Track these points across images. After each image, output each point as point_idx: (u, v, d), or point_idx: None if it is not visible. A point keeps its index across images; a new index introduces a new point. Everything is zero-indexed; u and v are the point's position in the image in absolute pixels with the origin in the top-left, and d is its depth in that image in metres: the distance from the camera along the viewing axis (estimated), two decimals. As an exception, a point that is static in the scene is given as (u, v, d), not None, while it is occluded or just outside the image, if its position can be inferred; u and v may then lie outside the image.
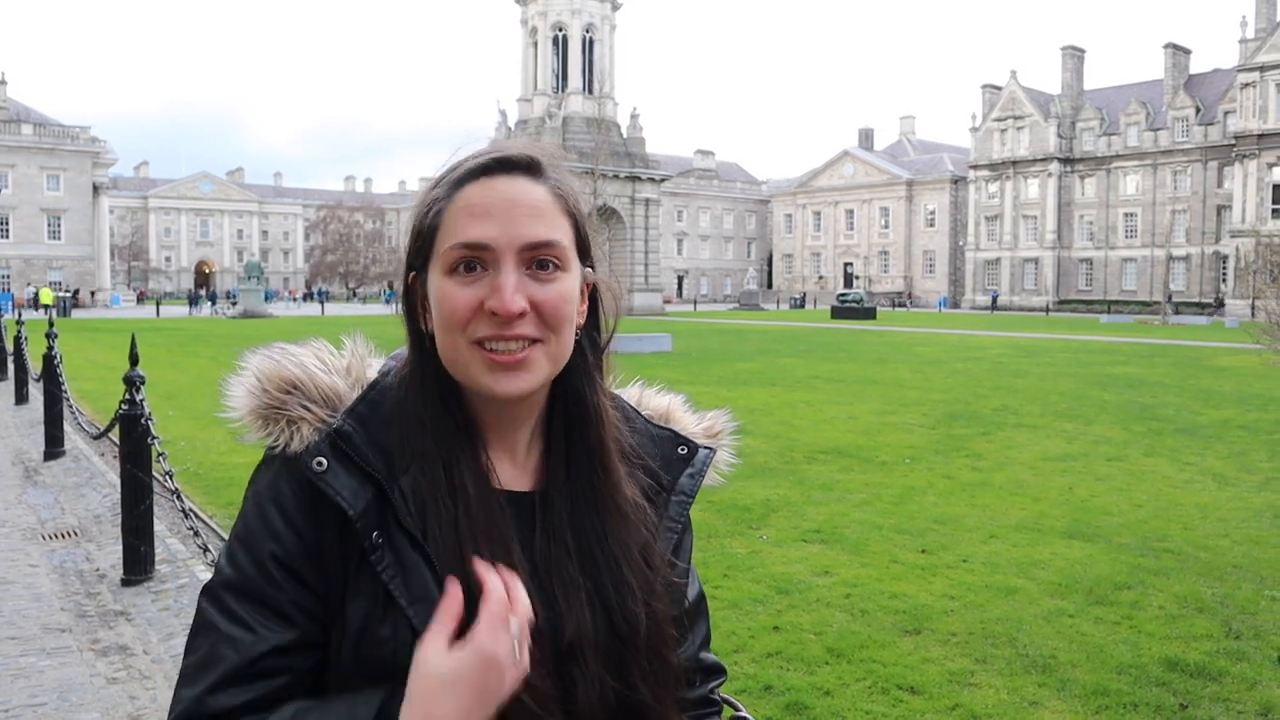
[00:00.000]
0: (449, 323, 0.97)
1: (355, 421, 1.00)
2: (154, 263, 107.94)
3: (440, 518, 0.97)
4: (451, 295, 0.97)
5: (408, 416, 1.00)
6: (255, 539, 0.98)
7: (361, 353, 1.07)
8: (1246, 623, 5.05)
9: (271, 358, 1.02)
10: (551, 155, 1.03)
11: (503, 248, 0.96)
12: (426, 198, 1.01)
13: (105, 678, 4.34)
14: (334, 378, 1.03)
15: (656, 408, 1.18)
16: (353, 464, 0.98)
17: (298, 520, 0.97)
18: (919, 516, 7.36)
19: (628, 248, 61.87)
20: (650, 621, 1.01)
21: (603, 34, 63.56)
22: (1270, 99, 65.39)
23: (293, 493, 0.98)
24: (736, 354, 25.09)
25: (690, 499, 1.10)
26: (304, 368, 1.02)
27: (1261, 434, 11.80)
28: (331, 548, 0.97)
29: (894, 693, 4.13)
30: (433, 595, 0.94)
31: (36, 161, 68.96)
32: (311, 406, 1.00)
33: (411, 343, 1.04)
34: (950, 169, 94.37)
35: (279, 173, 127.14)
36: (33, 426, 11.28)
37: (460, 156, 1.03)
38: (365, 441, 0.99)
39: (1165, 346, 30.29)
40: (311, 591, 0.98)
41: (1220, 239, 71.82)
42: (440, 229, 0.99)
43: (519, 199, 0.98)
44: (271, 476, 0.99)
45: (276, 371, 1.01)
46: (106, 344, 25.65)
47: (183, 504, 5.12)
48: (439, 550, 0.96)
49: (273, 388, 1.00)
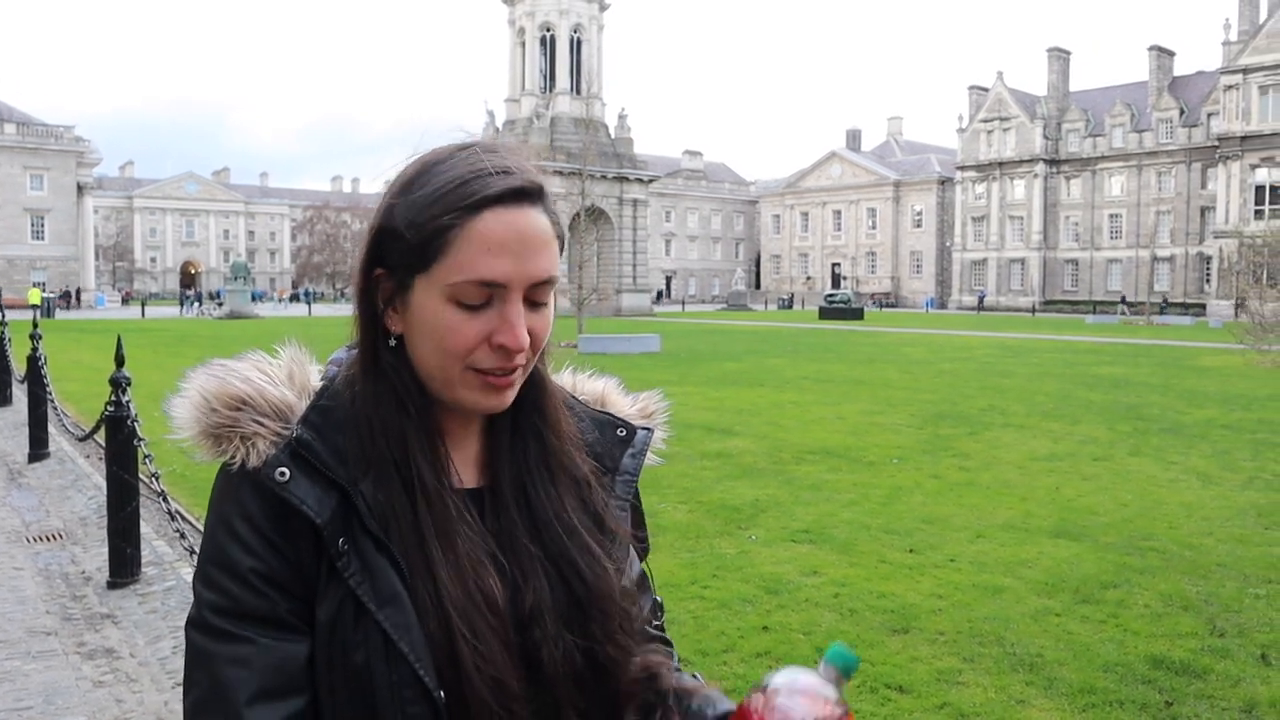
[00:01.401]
0: (450, 351, 0.97)
1: (311, 430, 0.98)
2: (139, 263, 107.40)
3: (402, 520, 0.97)
4: (457, 326, 0.96)
5: (362, 420, 0.99)
6: (231, 559, 0.95)
7: (301, 359, 1.05)
8: (1230, 620, 5.09)
9: (215, 375, 1.00)
10: (540, 170, 1.02)
11: (515, 285, 0.96)
12: (427, 209, 0.97)
13: (92, 681, 4.31)
14: (282, 389, 1.01)
15: (591, 392, 1.19)
16: (315, 472, 0.97)
17: (270, 534, 0.96)
18: (907, 516, 7.39)
19: (616, 249, 61.89)
20: (606, 580, 1.03)
21: (590, 34, 63.57)
22: (1253, 101, 65.91)
23: (259, 508, 0.96)
24: (725, 354, 25.14)
25: (634, 478, 1.13)
26: (250, 383, 1.00)
27: (1245, 433, 11.89)
28: (304, 558, 0.96)
29: (882, 691, 4.15)
30: (400, 598, 0.94)
31: (20, 161, 68.45)
32: (264, 421, 0.98)
33: (366, 343, 1.01)
34: (937, 170, 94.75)
35: (265, 173, 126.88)
36: (16, 428, 11.20)
37: (444, 155, 0.99)
38: (324, 449, 0.98)
39: (1150, 347, 30.49)
40: (301, 601, 0.96)
41: (1204, 240, 72.34)
42: (449, 254, 0.95)
43: (530, 235, 0.97)
44: (234, 494, 0.97)
45: (223, 389, 0.99)
46: (91, 345, 25.48)
47: (169, 506, 5.10)
48: (404, 552, 0.96)
49: (221, 406, 0.98)
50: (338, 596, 0.95)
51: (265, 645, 0.94)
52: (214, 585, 0.96)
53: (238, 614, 0.94)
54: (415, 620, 0.94)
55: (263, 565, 0.95)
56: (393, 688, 0.93)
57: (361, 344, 1.02)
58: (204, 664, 0.94)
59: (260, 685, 0.93)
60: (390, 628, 0.93)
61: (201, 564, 0.98)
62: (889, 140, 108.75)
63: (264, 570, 0.95)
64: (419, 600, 0.95)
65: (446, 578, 0.96)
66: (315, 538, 0.96)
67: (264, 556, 0.95)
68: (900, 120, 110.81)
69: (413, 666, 0.93)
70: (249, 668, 0.93)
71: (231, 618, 0.94)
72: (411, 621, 0.94)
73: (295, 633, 0.95)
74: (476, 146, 1.00)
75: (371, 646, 0.94)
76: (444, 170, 0.98)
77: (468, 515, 1.01)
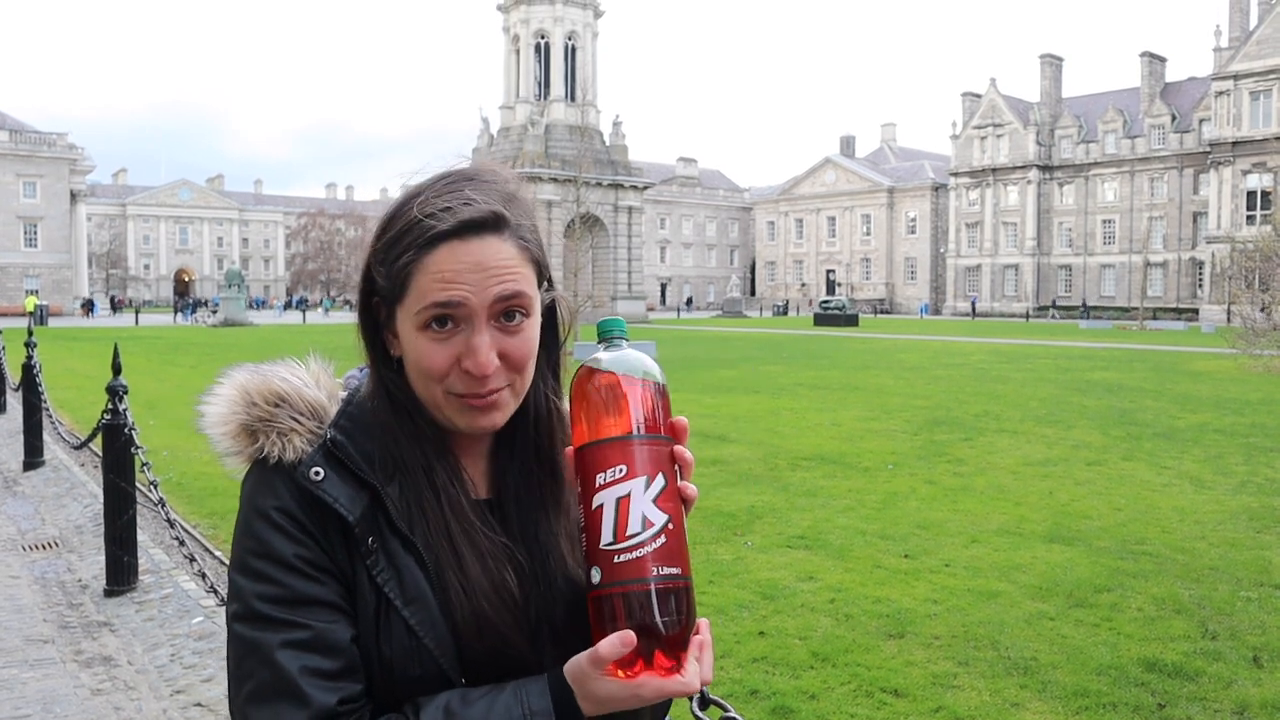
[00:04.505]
0: (425, 376, 1.01)
1: (343, 433, 1.03)
2: (132, 270, 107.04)
3: (432, 521, 1.02)
4: (427, 353, 1.00)
5: (388, 429, 1.04)
6: (275, 548, 0.98)
7: (327, 368, 1.11)
8: (1223, 623, 5.12)
9: (257, 372, 1.05)
10: (510, 197, 1.03)
11: (475, 307, 0.99)
12: (391, 250, 1.01)
13: (89, 689, 4.31)
14: (317, 391, 1.06)
15: None
16: (347, 471, 1.01)
17: (309, 526, 0.99)
18: (902, 522, 7.42)
19: (610, 255, 61.88)
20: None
21: (585, 42, 63.66)
22: (1244, 107, 66.24)
23: (296, 501, 1.00)
24: (720, 361, 25.16)
25: None
26: (289, 381, 1.05)
27: (1237, 437, 11.95)
28: (337, 552, 1.00)
29: (878, 696, 4.17)
30: (426, 596, 0.99)
31: (12, 168, 68.35)
32: (301, 419, 1.03)
33: (374, 364, 1.07)
34: (931, 176, 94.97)
35: (259, 179, 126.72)
36: (11, 436, 11.18)
37: (418, 184, 1.04)
38: (356, 450, 1.02)
39: (1143, 351, 30.59)
40: (345, 587, 1.00)
41: (1196, 245, 72.63)
42: (410, 289, 1.00)
43: (487, 261, 0.99)
44: (271, 488, 1.01)
45: (265, 385, 1.04)
46: (85, 353, 25.44)
47: (167, 514, 5.11)
48: (431, 550, 1.01)
49: (262, 400, 1.03)
50: (366, 593, 0.99)
51: (321, 629, 0.96)
52: (260, 576, 0.98)
53: (289, 600, 0.97)
54: (440, 616, 0.99)
55: (308, 552, 0.99)
56: (418, 681, 0.98)
57: (371, 366, 1.08)
58: (257, 653, 0.96)
59: (321, 667, 0.95)
60: (416, 624, 0.98)
61: (241, 557, 1.00)
62: (883, 147, 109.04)
63: (310, 556, 0.99)
64: (450, 592, 1.00)
65: (475, 572, 1.01)
66: (345, 536, 1.00)
67: (306, 544, 0.99)
68: (894, 127, 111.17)
69: (438, 661, 0.98)
70: (308, 650, 0.95)
71: (283, 604, 0.97)
72: (436, 617, 0.99)
73: (346, 616, 0.99)
74: (441, 181, 1.03)
75: (397, 641, 0.98)
76: (406, 211, 1.02)
77: (488, 518, 1.06)
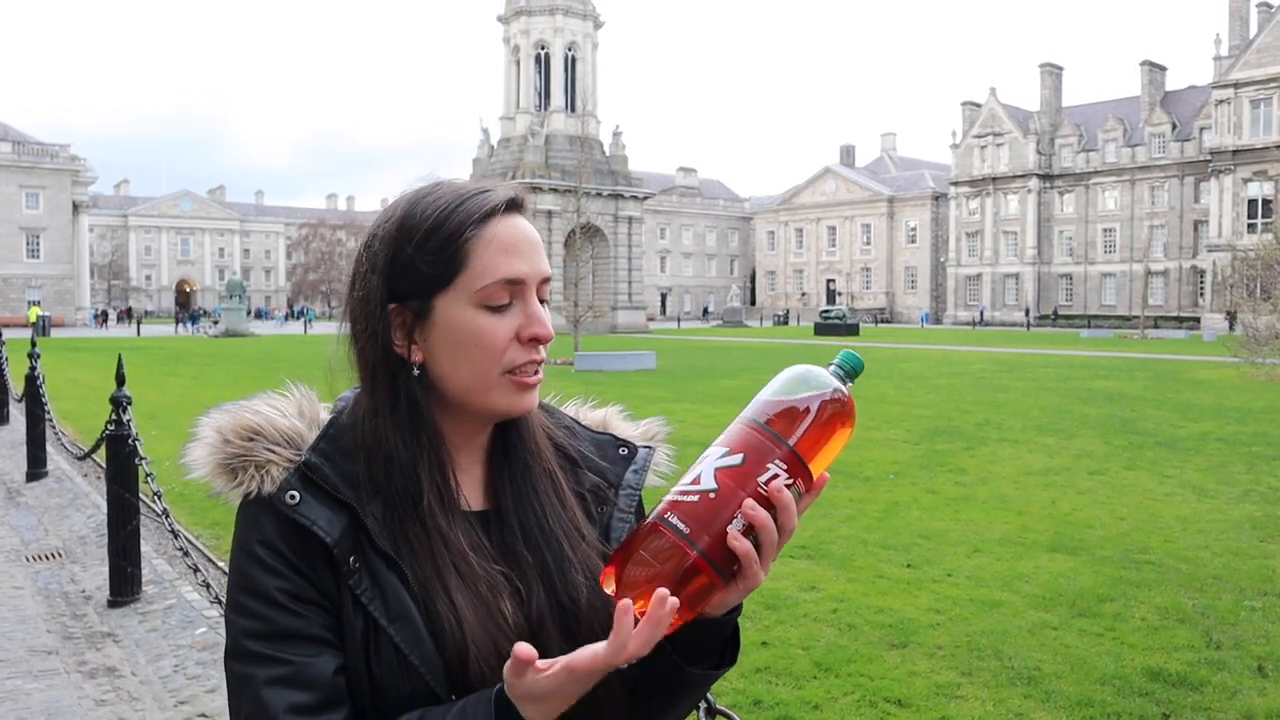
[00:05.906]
0: (487, 354, 1.02)
1: (320, 455, 1.03)
2: (134, 281, 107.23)
3: (416, 545, 1.02)
4: (489, 328, 1.02)
5: (372, 449, 1.03)
6: (258, 583, 0.99)
7: (310, 396, 1.11)
8: (1227, 633, 5.12)
9: (227, 412, 1.06)
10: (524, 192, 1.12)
11: (531, 281, 1.05)
12: (436, 232, 1.02)
13: (94, 699, 4.32)
14: (292, 419, 1.06)
15: (594, 420, 1.24)
16: (324, 493, 1.01)
17: (290, 556, 0.99)
18: (904, 531, 7.42)
19: (611, 265, 61.99)
20: (593, 592, 1.06)
21: (585, 52, 63.90)
22: (1244, 115, 66.41)
23: (277, 532, 1.00)
24: (721, 371, 25.17)
25: (637, 491, 1.17)
26: (260, 414, 1.05)
27: (1240, 446, 11.94)
28: (322, 577, 1.00)
29: (881, 706, 4.17)
30: (410, 613, 0.99)
31: (15, 180, 68.61)
32: (277, 449, 1.03)
33: (381, 374, 1.04)
34: (931, 185, 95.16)
35: (261, 190, 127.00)
36: (14, 447, 11.18)
37: (426, 191, 1.06)
38: (333, 472, 1.02)
39: (1145, 360, 30.58)
40: (331, 616, 1.00)
41: (1197, 254, 72.70)
42: (470, 264, 1.02)
43: (532, 237, 1.07)
44: (253, 522, 1.01)
45: (236, 421, 1.04)
46: (87, 363, 25.46)
47: (171, 524, 5.11)
48: (418, 575, 1.01)
49: (235, 437, 1.03)
50: (352, 615, 0.99)
51: (302, 663, 0.97)
52: (246, 612, 0.99)
53: (272, 635, 0.97)
54: (426, 634, 0.99)
55: (289, 584, 0.99)
56: (408, 700, 0.97)
57: (374, 381, 1.05)
58: (245, 689, 0.97)
59: (302, 702, 0.95)
60: (401, 641, 0.98)
61: (232, 596, 1.01)
62: (883, 156, 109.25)
63: (291, 589, 0.99)
64: (441, 623, 1.00)
65: (464, 602, 1.01)
66: (328, 559, 1.00)
67: (288, 576, 0.99)
68: (894, 136, 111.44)
69: (425, 679, 0.98)
70: (290, 686, 0.96)
71: (267, 640, 0.97)
72: (422, 635, 0.99)
73: (329, 647, 0.99)
74: (444, 181, 1.08)
75: (385, 660, 0.98)
76: (436, 199, 1.04)
77: (478, 538, 1.06)
